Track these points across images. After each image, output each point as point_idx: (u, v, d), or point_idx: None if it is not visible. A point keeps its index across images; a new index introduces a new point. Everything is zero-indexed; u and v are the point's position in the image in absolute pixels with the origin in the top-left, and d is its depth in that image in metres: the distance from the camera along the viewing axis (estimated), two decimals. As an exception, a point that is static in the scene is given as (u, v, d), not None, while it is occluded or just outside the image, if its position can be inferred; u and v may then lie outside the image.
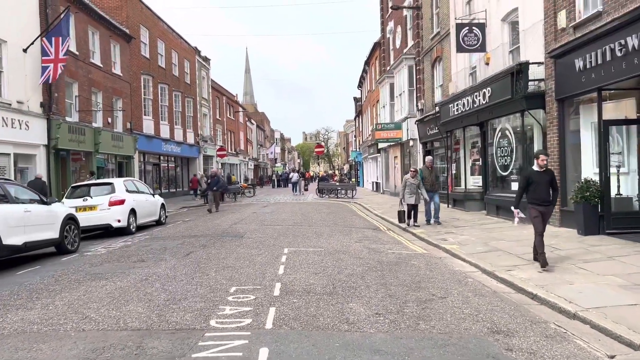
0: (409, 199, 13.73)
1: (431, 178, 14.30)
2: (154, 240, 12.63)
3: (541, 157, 8.11)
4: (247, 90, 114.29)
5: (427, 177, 14.21)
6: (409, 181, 13.80)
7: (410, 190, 13.70)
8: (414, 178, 13.81)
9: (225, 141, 49.46)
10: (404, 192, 13.83)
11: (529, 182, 8.11)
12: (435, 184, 14.43)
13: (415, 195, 13.68)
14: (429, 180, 14.19)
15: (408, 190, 13.74)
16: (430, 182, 14.20)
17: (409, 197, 13.71)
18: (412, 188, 13.70)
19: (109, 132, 24.04)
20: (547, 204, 8.13)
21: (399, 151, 28.32)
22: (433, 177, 14.44)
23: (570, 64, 11.18)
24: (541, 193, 8.05)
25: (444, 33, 20.16)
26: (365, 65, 41.60)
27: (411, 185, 13.72)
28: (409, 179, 13.84)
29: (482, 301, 6.36)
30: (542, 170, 8.11)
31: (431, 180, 14.26)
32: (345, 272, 8.00)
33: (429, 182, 14.14)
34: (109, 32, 24.71)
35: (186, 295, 6.52)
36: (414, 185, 13.71)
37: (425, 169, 14.51)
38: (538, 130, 13.12)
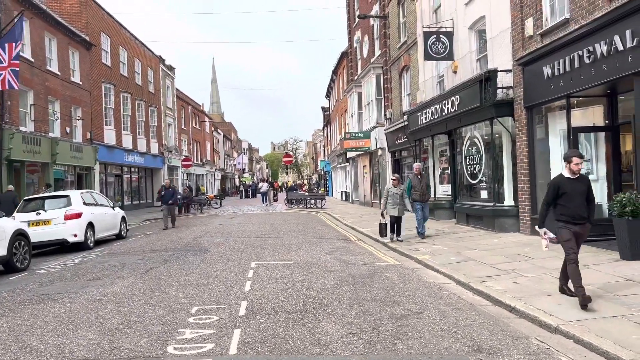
0: (391, 210, 12.40)
1: (421, 186, 12.88)
2: (113, 256, 11.92)
3: (575, 160, 6.26)
4: (214, 100, 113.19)
5: (417, 185, 12.86)
6: (392, 190, 12.49)
7: (393, 200, 12.40)
8: (397, 187, 12.56)
9: (191, 151, 48.44)
10: (386, 203, 12.53)
11: (559, 194, 6.32)
12: (425, 193, 12.95)
13: (398, 206, 12.36)
14: (419, 189, 12.83)
15: (390, 201, 12.42)
16: (420, 191, 12.84)
17: (392, 208, 12.38)
18: (395, 198, 12.40)
19: (68, 143, 23.02)
20: (583, 221, 6.40)
21: (367, 160, 28.18)
22: (423, 186, 12.95)
23: (539, 71, 11.17)
24: (575, 207, 6.28)
25: (411, 42, 20.15)
26: (333, 75, 41.53)
27: (394, 195, 12.42)
28: (391, 188, 12.53)
29: (460, 316, 6.05)
30: (576, 177, 6.37)
31: (421, 189, 12.86)
32: (316, 286, 7.59)
33: (418, 191, 12.82)
34: (67, 39, 23.77)
35: (143, 318, 5.97)
36: (397, 195, 12.42)
37: (414, 176, 13.09)
38: (507, 138, 13.08)
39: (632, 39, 8.22)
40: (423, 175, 13.34)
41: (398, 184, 12.60)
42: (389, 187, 12.66)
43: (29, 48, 20.27)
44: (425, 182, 13.10)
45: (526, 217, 12.09)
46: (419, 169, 13.23)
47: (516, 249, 10.28)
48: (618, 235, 8.44)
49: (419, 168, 13.27)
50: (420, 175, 13.03)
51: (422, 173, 13.40)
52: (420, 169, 13.25)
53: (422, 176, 13.10)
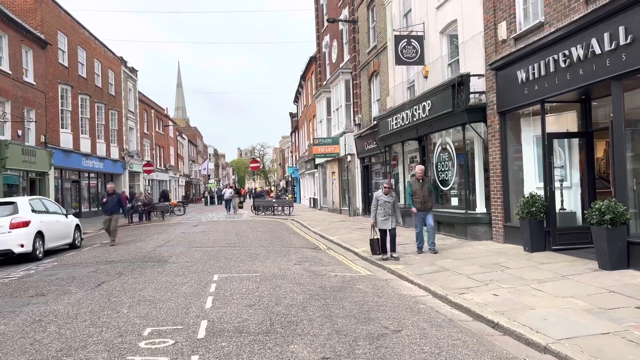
0: (382, 222, 10.51)
1: (422, 193, 11.05)
2: (63, 268, 10.99)
3: None
4: (179, 104, 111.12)
5: (418, 191, 11.06)
6: (382, 199, 10.52)
7: (383, 211, 10.48)
8: (389, 195, 10.60)
9: (153, 156, 46.97)
10: (376, 214, 10.61)
11: None
12: (428, 200, 11.10)
13: (390, 217, 10.50)
14: (420, 195, 11.03)
15: (381, 211, 10.50)
16: (422, 198, 11.03)
17: (383, 220, 10.49)
18: (386, 208, 10.48)
19: (19, 146, 21.63)
20: None
21: (337, 166, 27.75)
22: (425, 192, 11.09)
23: (512, 76, 10.94)
24: None
25: (380, 47, 19.87)
26: (302, 80, 41.07)
27: (385, 205, 10.48)
28: (382, 196, 10.55)
29: (441, 334, 5.57)
30: None
31: (422, 195, 11.04)
32: (284, 302, 6.99)
33: (420, 198, 11.03)
34: (20, 36, 22.43)
35: (86, 343, 5.23)
36: (389, 204, 10.49)
37: (414, 181, 11.30)
38: (479, 144, 12.82)
39: (610, 42, 8.01)
40: (425, 179, 11.47)
41: (390, 191, 10.65)
42: (379, 195, 10.62)
43: (-23, 44, 18.96)
44: (427, 188, 11.23)
45: (499, 225, 11.82)
46: (422, 172, 11.36)
47: (491, 258, 9.95)
48: (596, 244, 8.18)
49: (421, 170, 11.40)
50: (422, 178, 11.23)
51: (425, 177, 11.57)
52: (423, 172, 11.41)
53: (424, 180, 11.27)
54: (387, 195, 10.59)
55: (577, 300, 6.47)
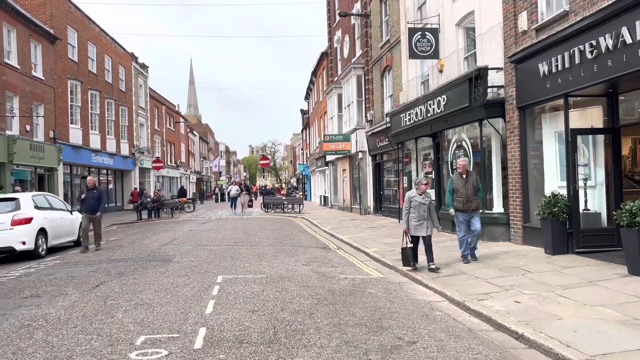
0: (416, 228, 8.90)
1: (466, 190, 9.34)
2: (63, 267, 10.65)
3: None
4: (192, 101, 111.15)
5: (460, 188, 9.39)
6: (416, 200, 8.89)
7: (418, 214, 8.87)
8: (424, 195, 8.99)
9: (164, 153, 46.82)
10: (408, 218, 9.00)
11: None
12: (472, 199, 9.33)
13: (425, 221, 8.89)
14: (463, 194, 9.33)
15: (415, 215, 8.89)
16: (466, 196, 9.32)
17: (417, 224, 8.89)
18: (420, 211, 8.87)
19: (27, 141, 21.47)
20: None
21: (347, 164, 27.25)
22: (470, 189, 9.34)
23: (533, 68, 10.36)
24: None
25: (393, 41, 19.32)
26: (313, 76, 40.58)
27: (419, 207, 8.87)
28: (416, 196, 8.92)
29: (460, 346, 5.08)
30: None
31: (466, 194, 9.33)
32: (290, 307, 6.54)
33: (462, 196, 9.33)
34: (28, 31, 22.23)
35: (73, 352, 4.82)
36: (424, 206, 8.90)
37: (457, 176, 9.59)
38: (497, 140, 12.26)
39: (643, 30, 7.42)
40: (470, 173, 9.62)
41: (426, 190, 9.07)
42: (413, 196, 8.98)
43: (-16, 38, 18.76)
44: (473, 184, 9.41)
45: (518, 226, 11.26)
46: (465, 166, 9.60)
47: (510, 261, 9.41)
48: (626, 248, 7.61)
49: (464, 164, 9.62)
50: (466, 173, 9.50)
51: (469, 170, 9.78)
52: (466, 166, 9.64)
53: (468, 175, 9.49)
54: (422, 195, 8.93)
55: (608, 310, 5.93)
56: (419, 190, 9.00)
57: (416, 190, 9.05)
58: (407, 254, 9.00)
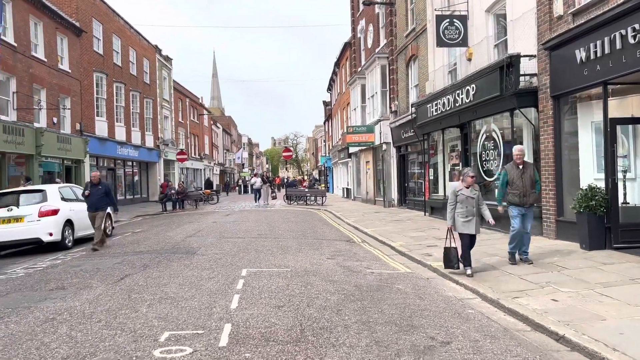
0: (463, 225, 7.91)
1: (523, 182, 8.36)
2: (89, 258, 10.68)
3: None
4: (215, 94, 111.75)
5: (517, 180, 8.39)
6: (463, 194, 7.91)
7: (465, 209, 7.88)
8: (471, 187, 7.98)
9: (188, 145, 47.12)
10: (454, 214, 8.02)
11: None
12: (530, 193, 8.38)
13: (474, 218, 7.89)
14: (520, 186, 8.35)
15: (462, 210, 7.90)
16: (522, 189, 8.34)
17: (465, 221, 7.89)
18: (468, 206, 7.88)
19: (54, 133, 21.74)
20: None
21: (371, 156, 26.90)
22: (527, 181, 8.37)
23: (569, 55, 9.89)
24: None
25: (419, 29, 18.86)
26: (335, 67, 40.18)
27: (467, 201, 7.88)
28: (463, 189, 7.94)
29: (497, 347, 4.82)
30: None
31: (523, 186, 8.35)
32: (317, 303, 6.35)
33: (519, 189, 8.35)
34: (54, 24, 22.42)
35: (96, 349, 4.71)
36: (472, 200, 7.89)
37: (513, 167, 8.54)
38: (529, 131, 11.82)
39: (693, 12, 6.94)
40: (527, 164, 8.66)
41: (474, 182, 8.09)
42: (459, 189, 8.01)
43: (12, 32, 18.97)
44: (530, 176, 8.43)
45: (551, 220, 10.84)
46: (521, 155, 8.54)
47: (544, 257, 9.04)
48: (671, 244, 7.18)
49: (520, 153, 8.54)
50: (522, 164, 8.50)
51: (526, 161, 8.79)
52: (522, 155, 8.56)
53: (525, 165, 8.52)
54: (469, 188, 7.94)
55: (658, 312, 5.57)
56: (466, 183, 7.97)
57: (462, 183, 8.06)
58: (452, 255, 8.01)
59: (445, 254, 8.13)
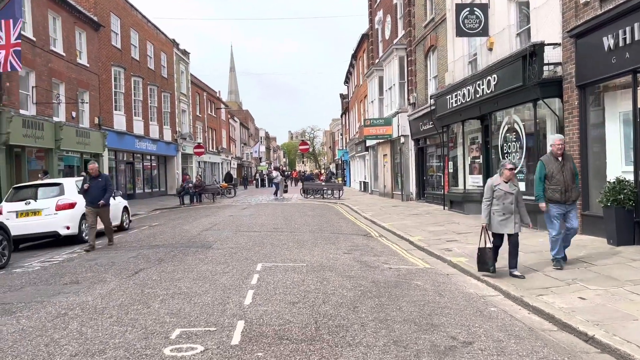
0: (500, 223, 7.14)
1: (564, 177, 7.40)
2: (105, 252, 10.66)
3: None
4: (232, 88, 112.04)
5: (556, 174, 7.41)
6: (501, 189, 7.13)
7: (502, 206, 7.11)
8: (510, 182, 7.21)
9: (206, 139, 47.28)
10: (490, 211, 7.22)
11: None
12: (572, 187, 7.45)
13: (512, 215, 7.11)
14: (561, 181, 7.39)
15: (498, 207, 7.12)
16: (563, 184, 7.39)
17: (502, 220, 7.12)
18: (506, 202, 7.11)
19: (73, 128, 21.90)
20: None
21: (388, 149, 26.57)
22: (568, 175, 7.42)
23: (597, 43, 9.48)
24: None
25: (438, 19, 18.45)
26: (353, 59, 39.80)
27: (504, 197, 7.11)
28: (500, 184, 7.16)
29: (522, 348, 4.58)
30: None
31: (563, 180, 7.39)
32: (333, 299, 6.16)
33: (559, 184, 7.38)
34: (73, 18, 22.54)
35: (106, 346, 4.60)
36: (511, 196, 7.12)
37: (551, 159, 7.54)
38: (553, 122, 11.42)
39: None
40: (567, 156, 7.71)
41: (513, 176, 7.27)
42: (496, 183, 7.19)
43: (31, 26, 19.09)
44: (570, 169, 7.50)
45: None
46: (562, 146, 7.53)
47: (569, 252, 8.69)
48: None
49: (561, 143, 7.52)
50: (561, 155, 7.50)
51: (566, 153, 7.79)
52: (562, 147, 7.52)
53: (565, 158, 7.55)
54: (508, 182, 7.15)
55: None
56: (504, 177, 7.14)
57: (499, 177, 7.22)
58: (486, 256, 7.21)
59: (479, 255, 7.34)
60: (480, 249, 7.34)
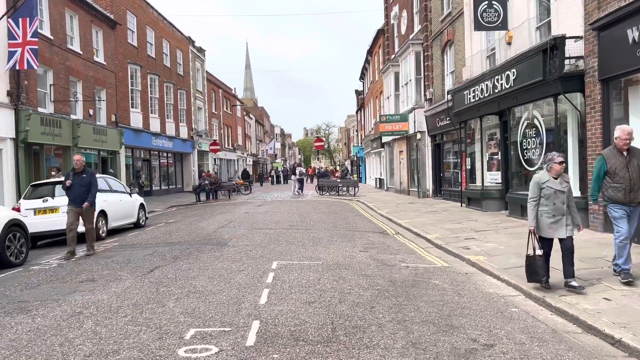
0: (550, 226, 6.15)
1: (630, 174, 6.35)
2: (121, 249, 10.69)
3: None
4: (248, 85, 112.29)
5: (620, 170, 6.39)
6: (549, 186, 6.13)
7: (553, 207, 6.13)
8: (560, 178, 6.20)
9: (221, 136, 47.45)
10: (537, 212, 6.23)
11: None
12: (638, 187, 6.36)
13: (563, 217, 6.13)
14: (626, 178, 6.35)
15: (548, 208, 6.14)
16: (628, 182, 6.34)
17: (552, 221, 6.14)
18: (557, 202, 6.12)
19: (90, 125, 22.09)
20: None
21: (404, 145, 26.32)
22: (634, 173, 6.36)
23: (621, 35, 9.19)
24: None
25: (455, 14, 18.16)
26: (368, 55, 39.52)
27: (554, 197, 6.12)
28: (549, 181, 6.16)
29: (545, 351, 4.42)
30: None
31: (630, 178, 6.34)
32: (349, 299, 6.06)
33: (624, 181, 6.35)
34: (89, 17, 22.70)
35: (120, 346, 4.56)
36: (562, 194, 6.14)
37: (614, 153, 6.52)
38: (574, 117, 11.14)
39: None
40: (634, 151, 6.48)
41: (561, 170, 6.21)
42: (544, 180, 6.18)
43: (48, 25, 19.26)
44: (638, 165, 6.40)
45: (599, 212, 10.19)
46: (628, 141, 6.37)
47: (591, 250, 8.48)
48: None
49: (628, 136, 6.37)
50: (626, 148, 6.41)
51: (633, 147, 6.51)
52: (629, 141, 6.38)
53: (631, 153, 6.45)
54: (558, 178, 6.18)
55: None
56: (553, 172, 6.15)
57: (547, 172, 6.22)
58: (537, 266, 6.17)
59: (529, 265, 6.28)
60: (529, 257, 6.28)
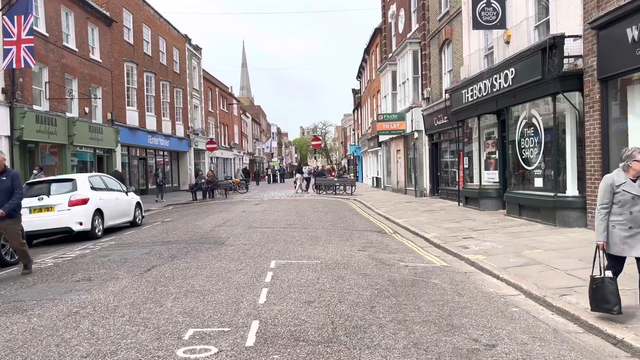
0: (624, 241, 4.87)
1: None
2: (118, 248, 10.60)
3: None
4: (244, 84, 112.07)
5: None
6: (625, 191, 4.87)
7: (629, 216, 4.85)
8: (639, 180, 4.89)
9: (218, 134, 47.31)
10: (608, 222, 4.95)
11: None
12: None
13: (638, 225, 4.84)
14: None
15: (622, 217, 4.88)
16: None
17: (627, 235, 4.86)
18: (634, 210, 4.84)
19: (86, 123, 21.94)
20: None
21: (402, 144, 26.29)
22: None
23: (620, 34, 9.17)
24: None
25: (453, 12, 18.12)
26: (365, 54, 39.47)
27: (631, 203, 4.85)
28: (626, 183, 4.88)
29: (547, 351, 4.38)
30: None
31: None
32: (349, 299, 6.01)
33: None
34: (85, 14, 22.55)
35: (117, 347, 4.49)
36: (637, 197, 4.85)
37: None
38: (573, 116, 11.12)
39: None
40: None
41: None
42: (619, 182, 4.92)
43: (43, 22, 19.11)
44: None
45: (597, 211, 10.17)
46: None
47: (591, 250, 8.41)
48: None
49: None
50: None
51: None
52: None
53: None
54: (636, 180, 4.89)
55: None
56: (631, 173, 4.90)
57: (623, 173, 4.96)
58: (607, 291, 4.90)
59: (595, 289, 5.00)
60: (596, 280, 5.01)
